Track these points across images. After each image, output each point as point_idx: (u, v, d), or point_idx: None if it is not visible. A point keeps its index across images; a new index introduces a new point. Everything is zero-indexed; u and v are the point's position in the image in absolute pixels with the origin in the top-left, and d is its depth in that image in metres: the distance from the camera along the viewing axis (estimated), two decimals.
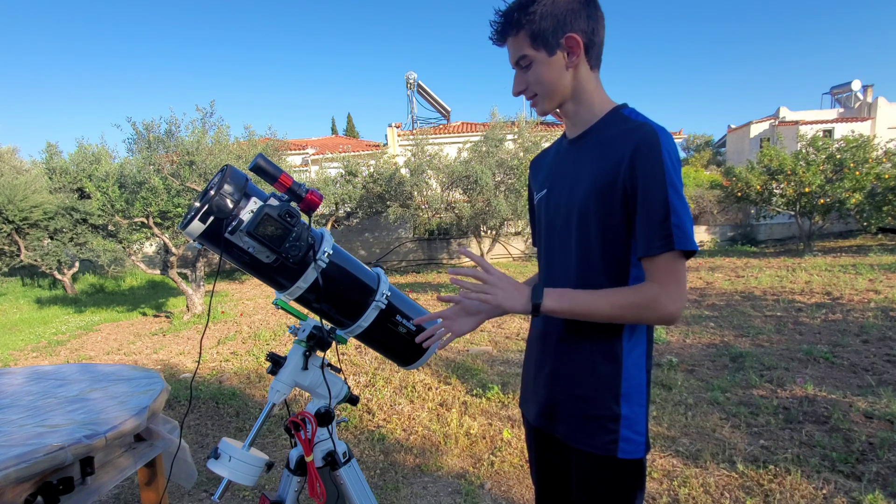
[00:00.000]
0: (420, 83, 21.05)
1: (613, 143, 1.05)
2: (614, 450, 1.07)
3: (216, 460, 1.14)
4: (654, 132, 1.00)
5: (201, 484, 2.68)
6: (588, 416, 1.09)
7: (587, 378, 1.10)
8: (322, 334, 1.28)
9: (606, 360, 1.08)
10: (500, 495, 2.50)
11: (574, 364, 1.12)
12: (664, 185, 0.97)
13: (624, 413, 1.07)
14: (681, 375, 4.00)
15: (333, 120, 37.52)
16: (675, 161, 0.99)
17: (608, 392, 1.08)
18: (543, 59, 1.08)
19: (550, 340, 1.17)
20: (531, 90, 1.11)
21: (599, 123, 1.11)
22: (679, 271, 0.99)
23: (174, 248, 7.60)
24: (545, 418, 1.19)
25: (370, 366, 4.56)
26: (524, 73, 1.11)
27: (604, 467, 1.09)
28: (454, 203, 11.70)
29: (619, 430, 1.07)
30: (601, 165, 1.06)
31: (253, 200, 1.10)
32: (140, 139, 7.34)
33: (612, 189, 1.03)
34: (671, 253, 0.98)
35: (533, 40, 1.07)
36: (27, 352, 6.21)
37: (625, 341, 1.08)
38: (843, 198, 11.87)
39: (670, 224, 0.97)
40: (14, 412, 1.67)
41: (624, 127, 1.06)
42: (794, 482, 2.42)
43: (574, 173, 1.13)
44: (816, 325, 5.34)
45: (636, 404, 1.09)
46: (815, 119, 20.89)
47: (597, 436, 1.08)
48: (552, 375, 1.16)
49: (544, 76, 1.09)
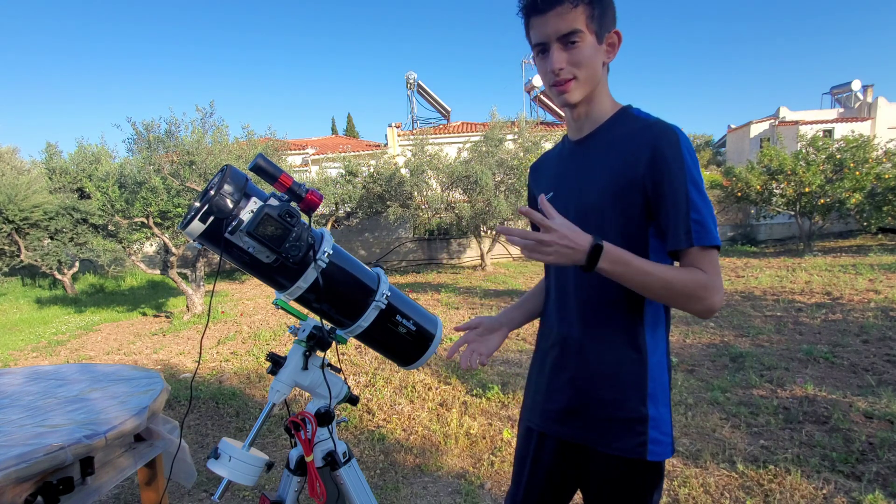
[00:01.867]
0: (420, 83, 21.05)
1: (628, 141, 1.04)
2: (643, 452, 1.05)
3: (216, 460, 1.14)
4: (673, 130, 1.01)
5: (201, 484, 2.68)
6: (615, 419, 1.08)
7: (613, 381, 1.08)
8: (322, 334, 1.27)
9: (632, 361, 1.07)
10: (500, 495, 2.50)
11: (598, 368, 1.10)
12: (685, 182, 0.98)
13: (651, 414, 1.06)
14: (681, 375, 4.00)
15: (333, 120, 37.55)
16: (694, 158, 1.00)
17: (635, 394, 1.06)
18: (592, 44, 1.03)
19: (570, 348, 1.14)
20: (571, 70, 1.04)
21: (608, 123, 1.10)
22: (716, 263, 0.99)
23: (174, 248, 7.60)
24: (563, 425, 1.16)
25: (370, 366, 4.56)
26: (567, 51, 1.03)
27: (631, 470, 1.07)
28: (454, 203, 11.71)
29: (647, 432, 1.05)
30: (615, 164, 1.05)
31: (253, 200, 1.10)
32: (140, 139, 7.34)
33: (632, 186, 1.02)
34: (698, 247, 0.98)
35: (591, 19, 1.02)
36: (27, 352, 6.21)
37: (648, 342, 1.07)
38: (843, 198, 11.86)
39: (691, 220, 0.97)
40: (14, 412, 1.68)
41: (636, 126, 1.05)
42: (794, 482, 2.42)
43: (584, 174, 1.12)
44: (816, 325, 5.34)
45: (662, 405, 1.07)
46: (815, 119, 20.88)
47: (624, 438, 1.07)
48: (573, 381, 1.13)
49: (592, 60, 1.04)
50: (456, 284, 9.68)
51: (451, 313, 6.82)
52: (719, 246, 0.99)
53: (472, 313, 6.87)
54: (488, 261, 12.47)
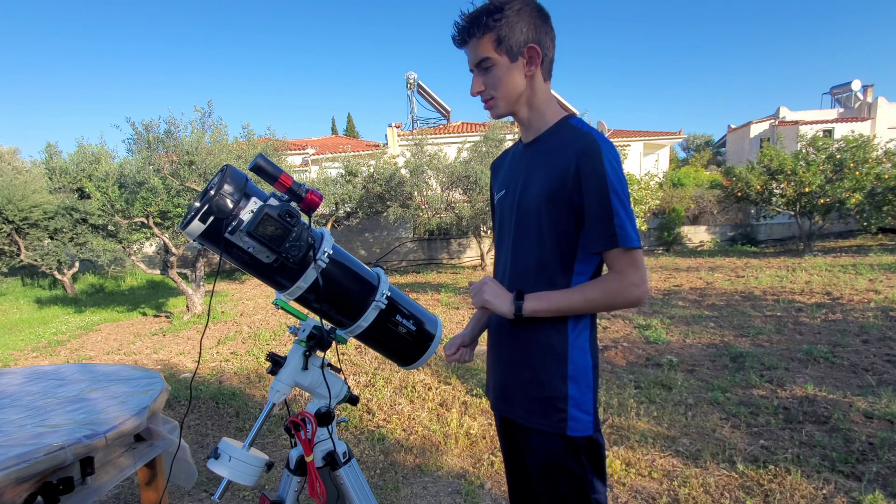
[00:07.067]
0: (420, 83, 21.04)
1: (561, 151, 1.15)
2: (564, 427, 1.16)
3: (216, 460, 1.14)
4: (597, 142, 1.11)
5: (201, 484, 2.68)
6: (540, 398, 1.19)
7: (538, 363, 1.20)
8: (322, 334, 1.27)
9: (554, 346, 1.18)
10: (500, 495, 2.50)
11: (526, 350, 1.22)
12: (607, 191, 1.08)
13: (571, 393, 1.17)
14: (681, 375, 4.00)
15: (333, 120, 37.59)
16: (616, 168, 1.10)
17: (557, 374, 1.18)
18: (505, 64, 1.15)
19: (504, 331, 1.27)
20: (489, 93, 1.18)
21: (551, 130, 1.21)
22: (634, 260, 1.11)
23: (174, 248, 7.60)
24: (504, 402, 1.29)
25: (370, 366, 4.56)
26: (484, 76, 1.17)
27: (556, 445, 1.18)
28: (454, 203, 11.70)
29: (567, 409, 1.17)
30: (550, 170, 1.16)
31: (253, 200, 1.10)
32: (139, 139, 7.33)
33: (561, 193, 1.14)
34: (620, 248, 1.10)
35: (498, 44, 1.14)
36: (27, 352, 6.21)
37: (570, 330, 1.18)
38: (843, 198, 11.87)
39: (614, 225, 1.09)
40: (14, 412, 1.68)
41: (571, 136, 1.16)
42: (794, 482, 2.42)
43: (527, 176, 1.23)
44: (816, 325, 5.34)
45: (584, 386, 1.18)
46: (815, 119, 20.89)
47: (548, 415, 1.18)
48: (509, 362, 1.26)
49: (504, 80, 1.16)
50: (456, 284, 9.68)
51: (451, 313, 6.82)
52: (640, 247, 1.11)
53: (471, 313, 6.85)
54: (488, 261, 12.47)
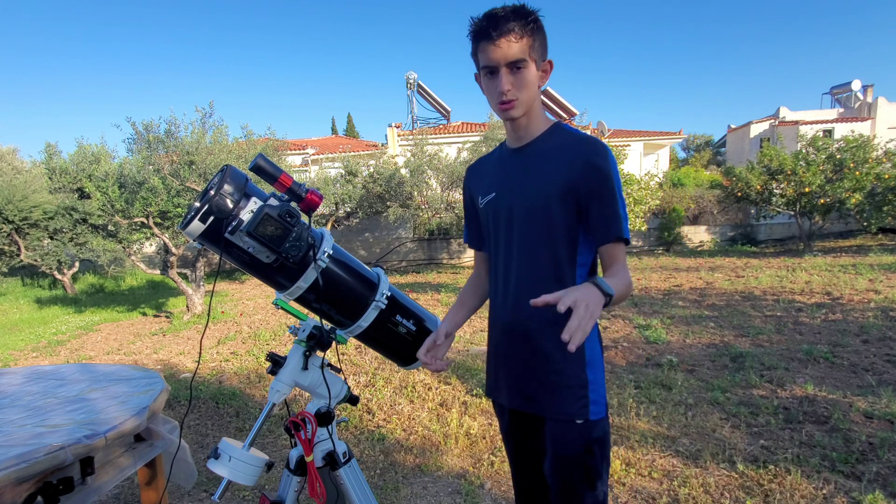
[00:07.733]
0: (420, 83, 21.03)
1: (562, 152, 1.22)
2: (586, 413, 1.22)
3: (216, 460, 1.14)
4: (604, 145, 1.21)
5: (201, 484, 2.68)
6: (562, 386, 1.23)
7: (560, 355, 1.23)
8: (322, 334, 1.28)
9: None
10: (500, 495, 2.50)
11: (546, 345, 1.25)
12: (614, 187, 1.18)
13: (590, 378, 1.24)
14: (681, 375, 4.00)
15: (333, 120, 37.57)
16: (616, 167, 1.21)
17: (577, 362, 1.23)
18: (533, 70, 1.20)
19: (516, 333, 1.30)
20: (514, 93, 1.20)
21: (543, 136, 1.28)
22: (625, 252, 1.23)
23: (174, 248, 7.60)
24: (521, 398, 1.31)
25: (370, 366, 4.56)
26: (513, 76, 1.19)
27: (577, 431, 1.23)
28: (454, 203, 11.71)
29: (587, 395, 1.23)
30: (553, 170, 1.22)
31: (253, 200, 1.10)
32: (140, 139, 7.33)
33: (569, 190, 1.20)
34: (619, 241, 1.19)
35: (533, 50, 1.18)
36: (27, 352, 6.21)
37: None
38: (843, 198, 11.87)
39: (620, 218, 1.19)
40: (14, 412, 1.68)
41: (569, 139, 1.24)
42: (794, 482, 2.42)
43: (523, 178, 1.28)
44: (816, 325, 5.34)
45: (598, 370, 1.26)
46: (815, 119, 20.89)
47: (570, 403, 1.23)
48: (526, 360, 1.28)
49: (530, 85, 1.20)
50: (456, 284, 9.67)
51: None
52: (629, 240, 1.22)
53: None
54: None
